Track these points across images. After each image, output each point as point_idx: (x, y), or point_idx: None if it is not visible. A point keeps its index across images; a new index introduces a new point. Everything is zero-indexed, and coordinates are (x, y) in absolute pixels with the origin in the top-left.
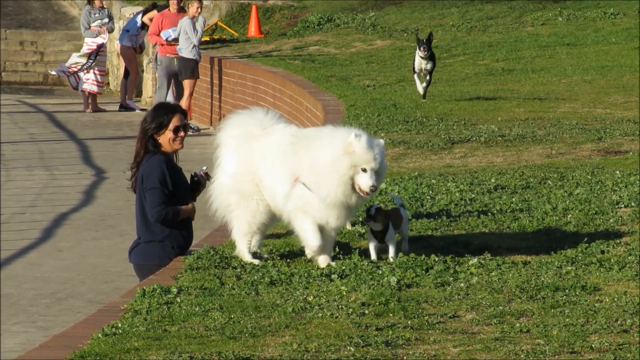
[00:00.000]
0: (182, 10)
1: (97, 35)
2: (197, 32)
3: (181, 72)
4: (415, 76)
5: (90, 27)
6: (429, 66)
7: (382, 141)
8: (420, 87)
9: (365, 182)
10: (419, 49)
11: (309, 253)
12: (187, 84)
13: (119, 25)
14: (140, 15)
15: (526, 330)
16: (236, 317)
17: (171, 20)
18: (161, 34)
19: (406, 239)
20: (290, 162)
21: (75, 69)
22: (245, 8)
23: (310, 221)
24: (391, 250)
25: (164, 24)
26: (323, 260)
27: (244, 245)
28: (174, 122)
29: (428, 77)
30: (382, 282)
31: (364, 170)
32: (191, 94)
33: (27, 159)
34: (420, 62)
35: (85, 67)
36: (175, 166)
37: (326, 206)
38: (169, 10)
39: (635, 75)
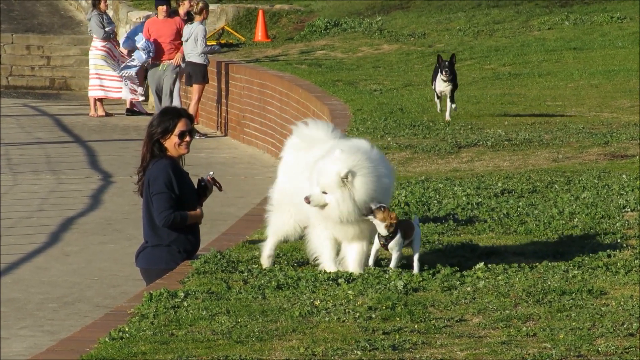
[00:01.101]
0: (170, 15)
1: (110, 40)
2: (203, 41)
3: (191, 76)
4: (437, 98)
5: (105, 30)
6: (448, 89)
7: (353, 172)
8: (439, 108)
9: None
10: (441, 72)
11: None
12: (196, 88)
13: (125, 29)
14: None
15: (533, 334)
16: (243, 321)
17: (158, 27)
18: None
19: (416, 256)
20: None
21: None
22: (252, 12)
23: (329, 244)
24: (393, 259)
25: (151, 30)
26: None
27: (268, 246)
28: (180, 126)
29: (450, 99)
30: (389, 286)
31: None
32: (199, 99)
33: (34, 163)
34: (441, 84)
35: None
36: (182, 170)
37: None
38: (157, 17)
39: None
